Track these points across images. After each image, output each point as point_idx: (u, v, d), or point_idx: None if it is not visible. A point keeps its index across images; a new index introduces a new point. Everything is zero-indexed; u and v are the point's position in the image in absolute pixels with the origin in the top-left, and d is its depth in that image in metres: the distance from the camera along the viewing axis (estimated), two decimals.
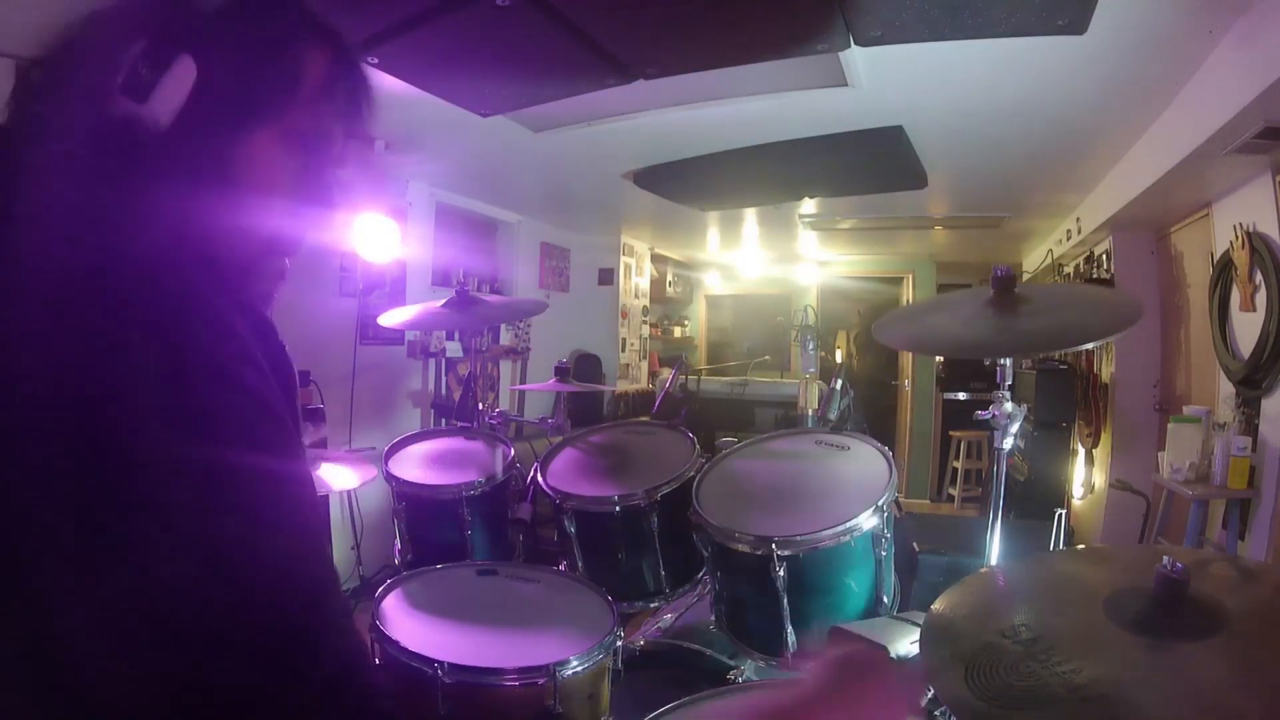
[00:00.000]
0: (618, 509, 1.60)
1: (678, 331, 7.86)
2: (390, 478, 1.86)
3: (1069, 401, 4.61)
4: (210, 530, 0.39)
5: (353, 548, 3.43)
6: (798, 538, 1.25)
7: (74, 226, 0.44)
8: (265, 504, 0.42)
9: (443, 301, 2.18)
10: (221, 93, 0.52)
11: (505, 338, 4.96)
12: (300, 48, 0.56)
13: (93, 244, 0.43)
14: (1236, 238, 2.96)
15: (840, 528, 1.25)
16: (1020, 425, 1.29)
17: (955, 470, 6.17)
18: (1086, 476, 4.58)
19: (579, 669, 1.15)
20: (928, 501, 6.56)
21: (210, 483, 0.40)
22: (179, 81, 0.50)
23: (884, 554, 1.32)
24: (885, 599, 1.34)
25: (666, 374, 5.58)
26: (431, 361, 4.25)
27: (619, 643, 1.25)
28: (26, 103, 0.53)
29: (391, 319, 2.20)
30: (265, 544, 0.40)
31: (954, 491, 6.15)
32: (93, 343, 0.40)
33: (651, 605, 1.68)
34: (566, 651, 1.15)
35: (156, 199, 0.47)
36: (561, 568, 1.63)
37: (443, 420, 3.53)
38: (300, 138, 0.56)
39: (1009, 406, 1.28)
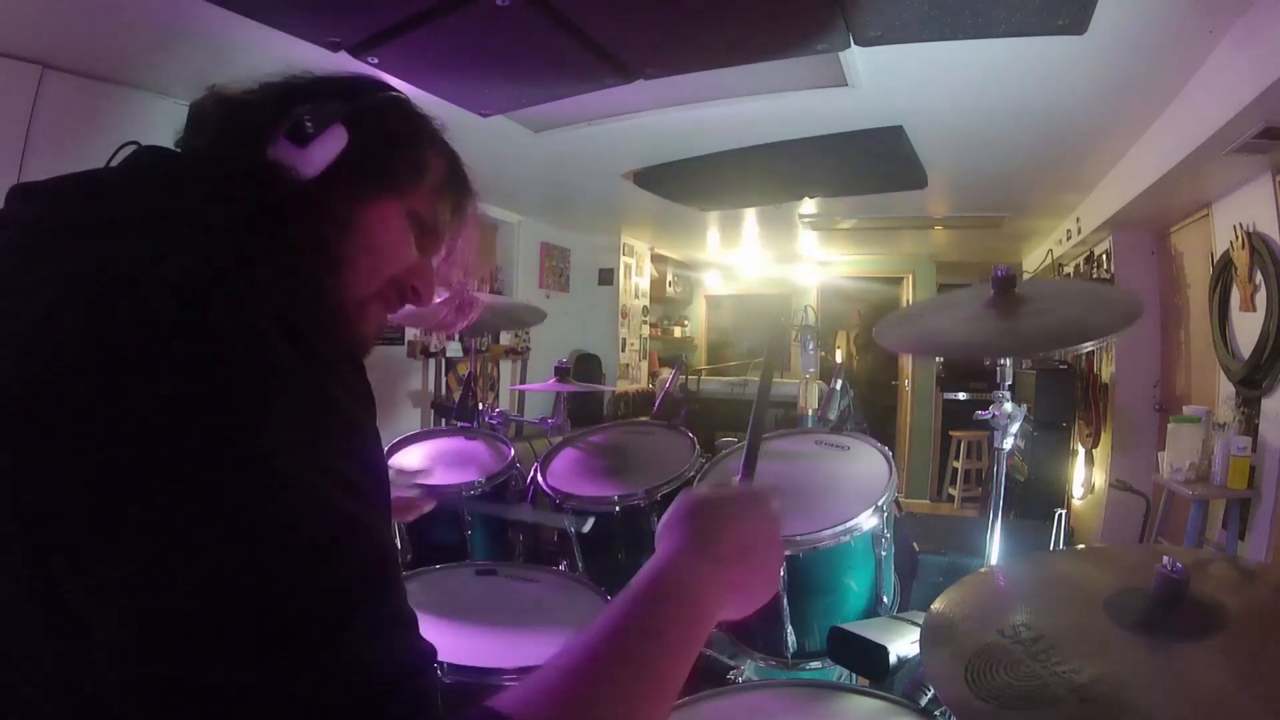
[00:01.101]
0: (618, 509, 1.59)
1: (678, 331, 7.86)
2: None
3: (1069, 401, 4.61)
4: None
5: None
6: (798, 537, 1.25)
7: (165, 238, 0.47)
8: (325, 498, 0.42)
9: (442, 301, 2.17)
10: (363, 163, 0.60)
11: (505, 338, 4.96)
12: (430, 150, 0.68)
13: (171, 255, 0.45)
14: (1236, 238, 2.96)
15: (840, 528, 1.25)
16: (1020, 425, 1.29)
17: (955, 470, 6.18)
18: (1086, 476, 4.58)
19: None
20: (928, 501, 6.57)
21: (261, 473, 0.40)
22: (332, 143, 0.59)
23: (884, 554, 1.32)
24: (885, 599, 1.34)
25: (666, 374, 5.58)
26: (431, 361, 4.25)
27: None
28: (196, 134, 0.62)
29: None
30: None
31: (954, 491, 6.15)
32: (147, 352, 0.40)
33: None
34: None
35: (279, 243, 0.52)
36: (561, 568, 1.63)
37: (443, 420, 3.53)
38: (418, 221, 0.65)
39: (1009, 406, 1.27)
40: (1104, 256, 4.33)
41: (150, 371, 0.39)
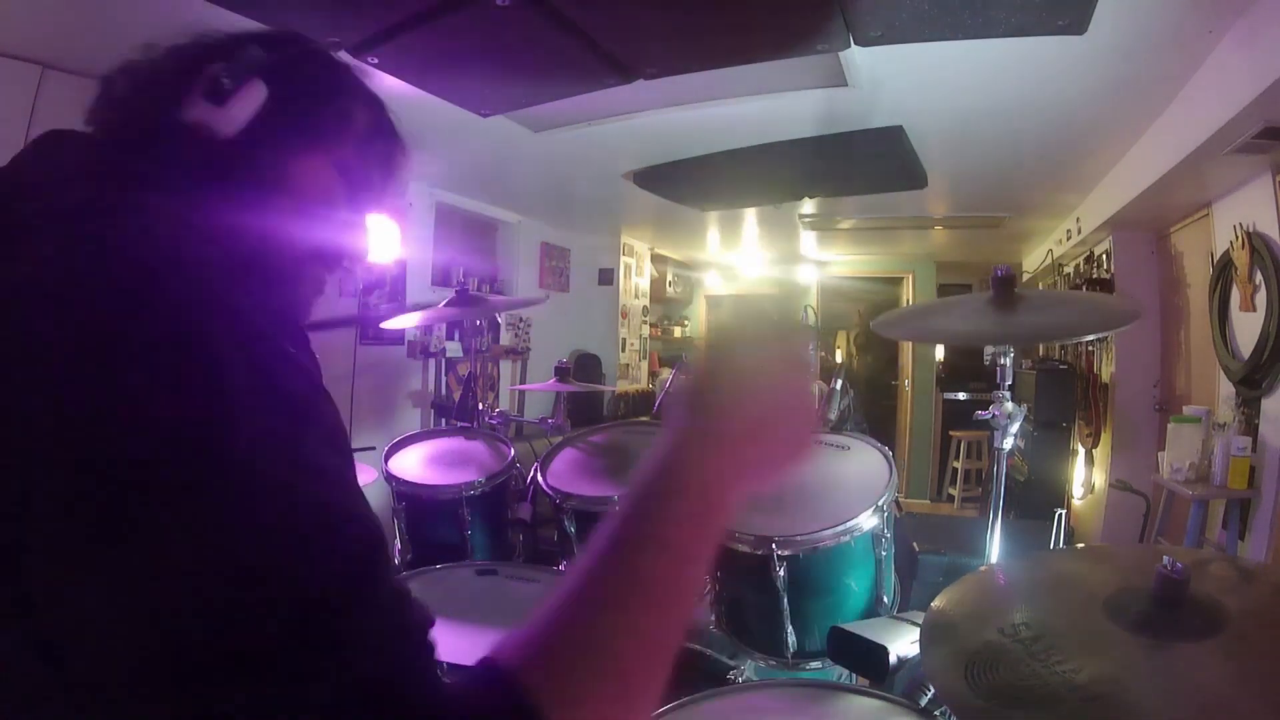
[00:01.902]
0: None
1: (678, 331, 7.86)
2: (390, 478, 1.86)
3: (1069, 401, 4.61)
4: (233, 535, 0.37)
5: None
6: (798, 538, 1.25)
7: (96, 221, 0.45)
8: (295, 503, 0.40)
9: (444, 302, 2.18)
10: (285, 116, 0.59)
11: (505, 338, 4.96)
12: (353, 99, 0.65)
13: (107, 239, 0.43)
14: (1236, 238, 2.96)
15: (840, 528, 1.25)
16: (1020, 425, 1.29)
17: (955, 470, 6.17)
18: (1086, 476, 4.58)
19: None
20: (928, 501, 6.56)
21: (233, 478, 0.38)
22: (251, 97, 0.57)
23: (884, 554, 1.32)
24: (885, 599, 1.34)
25: (666, 374, 5.58)
26: (431, 361, 4.25)
27: None
28: (106, 107, 0.60)
29: (397, 323, 2.21)
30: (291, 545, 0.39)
31: (954, 491, 6.15)
32: (95, 339, 0.39)
33: None
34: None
35: (207, 199, 0.51)
36: (562, 568, 1.63)
37: (443, 420, 3.53)
38: (347, 170, 0.63)
39: (1009, 406, 1.28)
40: (1104, 256, 4.33)
41: (100, 378, 0.38)
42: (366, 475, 2.40)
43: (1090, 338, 3.72)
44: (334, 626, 0.37)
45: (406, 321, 2.30)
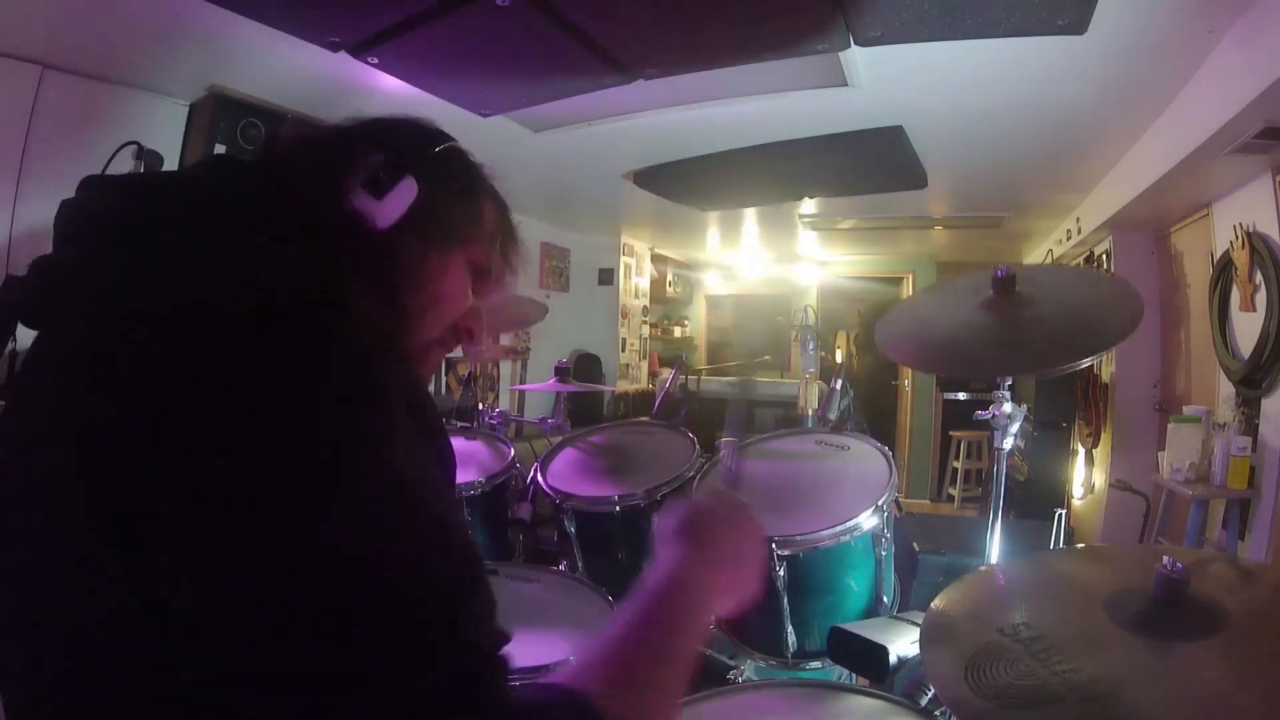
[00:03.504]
0: (618, 509, 1.59)
1: (678, 331, 7.86)
2: None
3: (1069, 401, 4.61)
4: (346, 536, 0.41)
5: None
6: (798, 537, 1.25)
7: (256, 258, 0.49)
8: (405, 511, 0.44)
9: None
10: (431, 214, 0.63)
11: (505, 338, 4.96)
12: (485, 201, 0.71)
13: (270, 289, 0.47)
14: (1236, 238, 2.96)
15: (840, 527, 1.25)
16: (1020, 425, 1.28)
17: (955, 470, 6.18)
18: (1086, 476, 4.58)
19: None
20: (928, 501, 6.57)
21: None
22: (404, 194, 0.61)
23: (884, 554, 1.32)
24: (885, 599, 1.34)
25: (666, 374, 5.58)
26: None
27: None
28: (272, 159, 0.63)
29: None
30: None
31: (954, 491, 6.15)
32: (266, 352, 0.43)
33: None
34: (566, 651, 1.15)
35: (357, 283, 0.53)
36: (561, 568, 1.63)
37: (443, 420, 3.53)
38: (476, 267, 0.69)
39: (1009, 406, 1.27)
40: (1104, 256, 4.33)
41: (277, 377, 0.42)
42: None
43: (1100, 345, 3.72)
44: (432, 632, 0.42)
45: None
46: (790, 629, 1.29)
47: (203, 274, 0.46)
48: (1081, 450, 4.62)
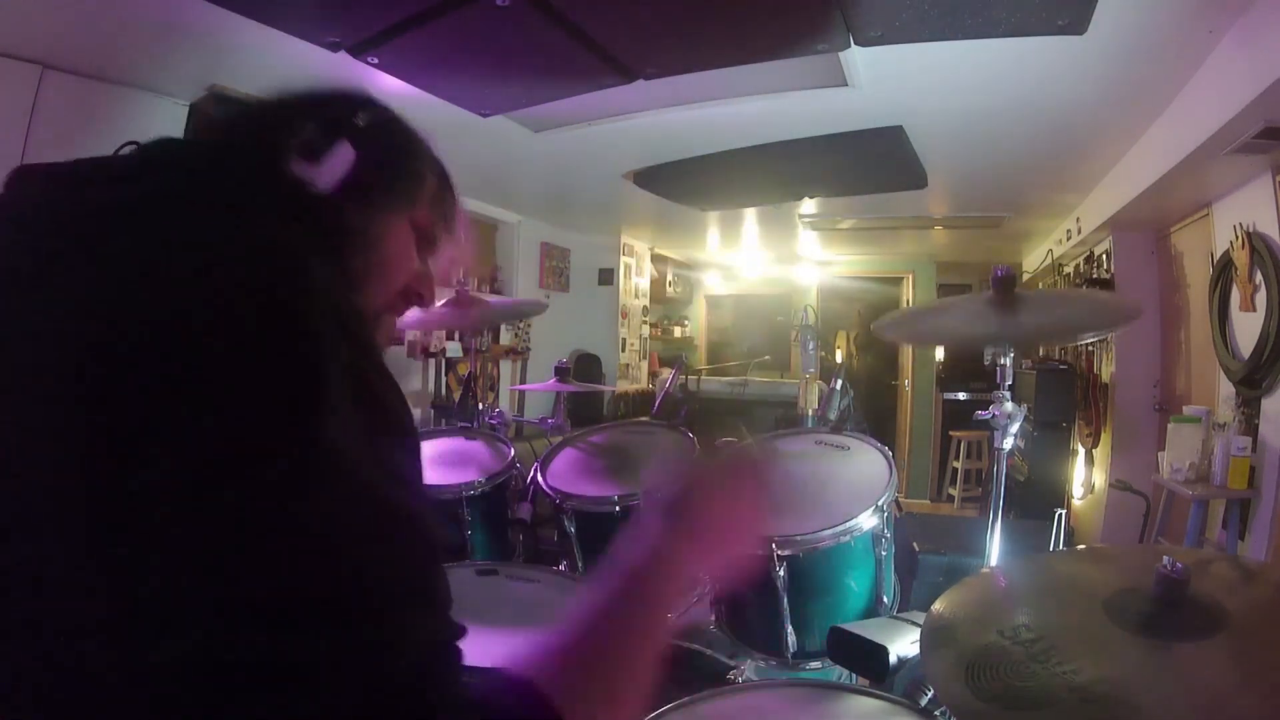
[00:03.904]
0: (618, 509, 1.59)
1: (678, 331, 7.86)
2: None
3: (1069, 401, 4.61)
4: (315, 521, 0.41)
5: None
6: (798, 537, 1.25)
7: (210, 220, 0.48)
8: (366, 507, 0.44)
9: (443, 303, 2.18)
10: (371, 178, 0.63)
11: (505, 338, 4.96)
12: (426, 164, 0.70)
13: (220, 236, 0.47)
14: (1236, 238, 2.96)
15: (840, 528, 1.25)
16: (1020, 425, 1.29)
17: (955, 470, 6.17)
18: (1086, 476, 4.58)
19: None
20: (928, 501, 6.56)
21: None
22: (341, 159, 0.61)
23: (884, 554, 1.32)
24: (885, 599, 1.34)
25: (666, 374, 5.58)
26: (431, 361, 4.25)
27: None
28: (211, 135, 0.63)
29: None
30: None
31: (954, 491, 6.15)
32: (205, 323, 0.42)
33: None
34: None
35: (302, 245, 0.52)
36: (561, 568, 1.63)
37: (443, 420, 3.53)
38: (420, 229, 0.69)
39: (1009, 406, 1.27)
40: (1104, 256, 4.33)
41: (226, 359, 0.41)
42: None
43: (1091, 338, 3.72)
44: (384, 624, 0.42)
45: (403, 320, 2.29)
46: (790, 629, 1.29)
47: (166, 262, 0.45)
48: (1081, 450, 4.62)
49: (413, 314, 0.71)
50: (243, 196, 0.53)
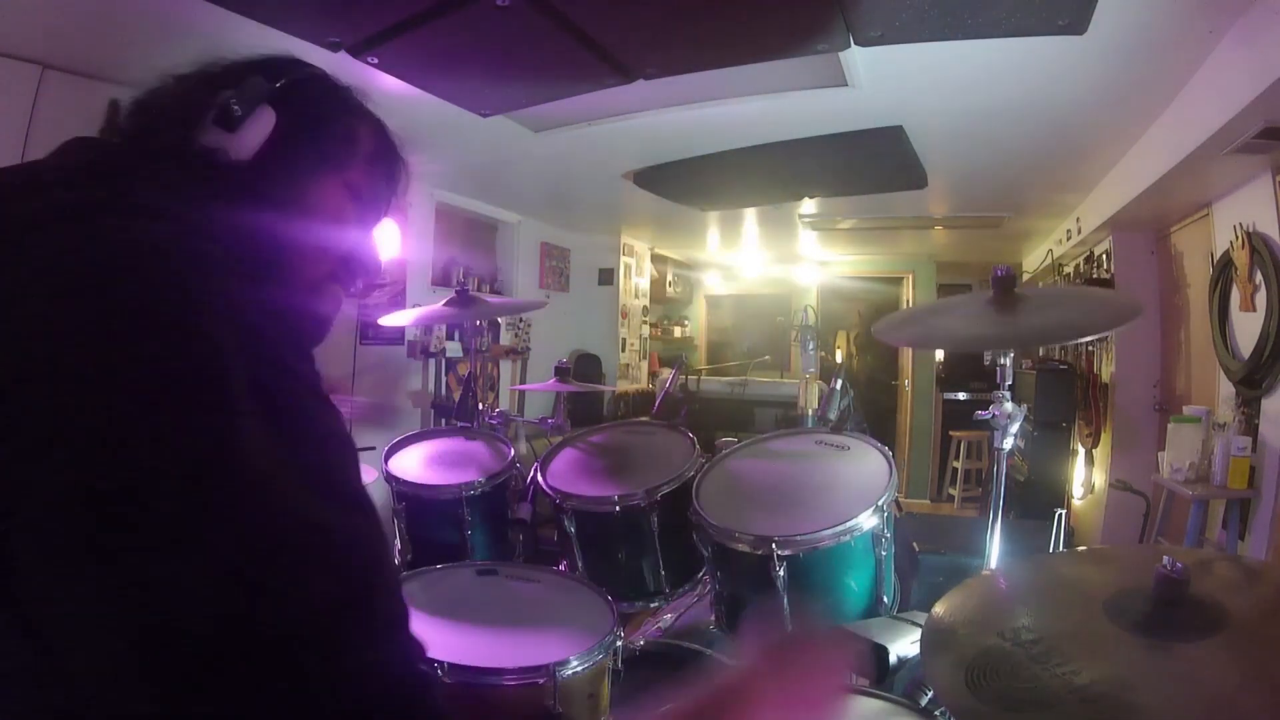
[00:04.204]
0: (618, 509, 1.59)
1: (678, 331, 7.86)
2: (390, 478, 1.86)
3: (1069, 401, 4.61)
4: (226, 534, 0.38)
5: None
6: (798, 537, 1.25)
7: (98, 220, 0.45)
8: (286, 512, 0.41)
9: (444, 302, 2.18)
10: (296, 140, 0.61)
11: (505, 338, 4.96)
12: (357, 120, 0.67)
13: (110, 238, 0.44)
14: (1236, 238, 2.96)
15: (840, 528, 1.25)
16: (1020, 425, 1.29)
17: (955, 470, 6.17)
18: (1086, 476, 4.58)
19: (579, 669, 1.15)
20: (928, 501, 6.56)
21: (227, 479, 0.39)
22: (261, 125, 0.59)
23: (884, 554, 1.32)
24: (885, 599, 1.34)
25: (666, 374, 5.58)
26: (431, 361, 4.25)
27: (619, 643, 1.25)
28: (118, 129, 0.60)
29: (393, 320, 2.21)
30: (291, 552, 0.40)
31: (954, 491, 6.15)
32: (95, 340, 0.39)
33: (651, 605, 1.68)
34: (566, 651, 1.15)
35: (219, 216, 0.51)
36: (561, 568, 1.63)
37: (443, 420, 3.53)
38: (356, 188, 0.65)
39: (1009, 406, 1.27)
40: (1104, 256, 4.33)
41: (120, 384, 0.38)
42: (367, 475, 2.39)
43: (1091, 339, 3.72)
44: (311, 657, 0.37)
45: (402, 319, 2.29)
46: (790, 629, 1.28)
47: (54, 278, 0.41)
48: (1081, 450, 4.62)
49: (414, 314, 0.69)
50: (145, 201, 0.49)
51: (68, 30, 2.13)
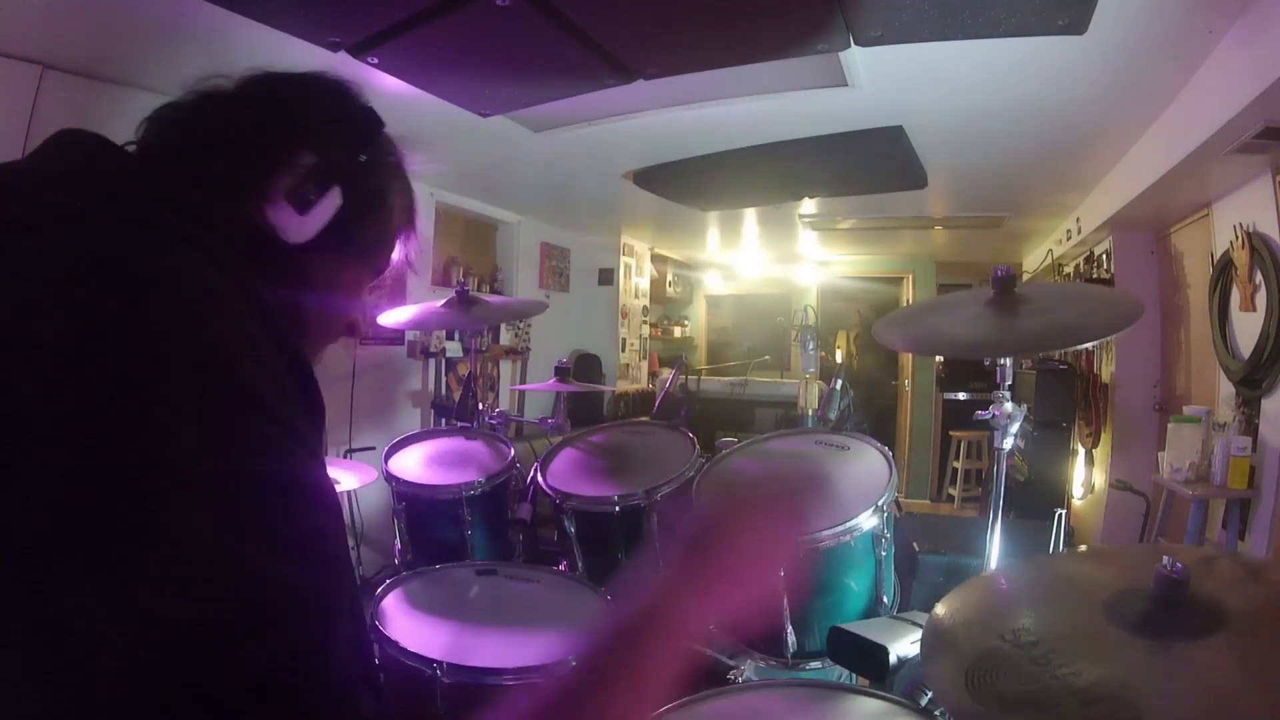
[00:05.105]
0: (618, 509, 1.59)
1: (678, 331, 7.86)
2: (390, 478, 1.86)
3: (1069, 401, 4.61)
4: (212, 537, 0.38)
5: (353, 547, 3.43)
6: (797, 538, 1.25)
7: (105, 230, 0.45)
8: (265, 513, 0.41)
9: (443, 302, 2.18)
10: (347, 230, 0.60)
11: (505, 338, 4.96)
12: (396, 201, 0.67)
13: (112, 246, 0.43)
14: (1236, 238, 2.96)
15: (840, 528, 1.25)
16: (1020, 425, 1.28)
17: (955, 470, 6.17)
18: (1086, 476, 4.58)
19: None
20: (928, 501, 6.56)
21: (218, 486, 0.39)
22: (327, 209, 0.57)
23: (884, 554, 1.32)
24: (885, 599, 1.34)
25: (666, 374, 5.58)
26: (431, 361, 4.25)
27: None
28: (184, 139, 0.57)
29: (391, 318, 2.21)
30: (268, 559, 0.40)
31: (954, 491, 6.15)
32: (86, 343, 0.39)
33: None
34: (566, 651, 1.15)
35: (253, 282, 0.50)
36: (561, 567, 1.63)
37: (443, 420, 3.53)
38: (378, 268, 0.68)
39: (1009, 406, 1.27)
40: (1104, 256, 4.33)
41: (83, 384, 0.38)
42: (367, 475, 2.40)
43: (1091, 345, 3.72)
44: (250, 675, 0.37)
45: (400, 316, 2.29)
46: (790, 629, 1.29)
47: (45, 279, 0.41)
48: (1081, 450, 4.62)
49: (413, 315, 0.70)
50: (184, 223, 0.47)
51: (68, 30, 2.13)
